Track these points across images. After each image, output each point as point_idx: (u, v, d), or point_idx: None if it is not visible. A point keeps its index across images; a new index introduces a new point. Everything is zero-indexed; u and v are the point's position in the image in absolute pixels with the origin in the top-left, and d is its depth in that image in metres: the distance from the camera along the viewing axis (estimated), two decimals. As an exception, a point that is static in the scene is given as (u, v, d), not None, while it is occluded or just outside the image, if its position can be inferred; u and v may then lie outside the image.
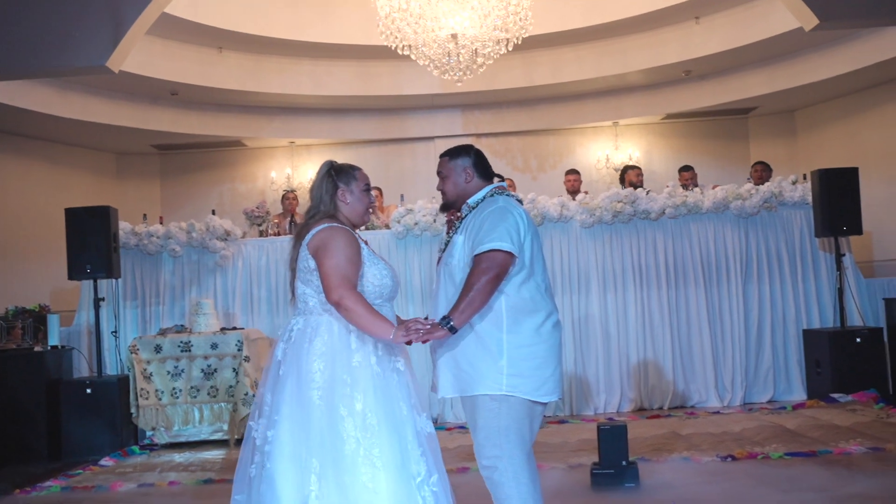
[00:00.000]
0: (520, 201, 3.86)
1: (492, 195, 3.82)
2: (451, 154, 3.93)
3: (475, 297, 3.52)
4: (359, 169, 3.80)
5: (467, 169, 3.86)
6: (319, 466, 3.40)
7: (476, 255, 3.59)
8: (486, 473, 3.66)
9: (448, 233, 3.89)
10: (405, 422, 3.55)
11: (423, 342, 3.50)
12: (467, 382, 3.65)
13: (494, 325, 3.67)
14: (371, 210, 3.86)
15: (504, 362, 3.61)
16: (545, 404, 3.77)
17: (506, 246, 3.57)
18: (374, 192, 5.70)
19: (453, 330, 3.52)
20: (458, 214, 3.88)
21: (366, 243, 3.72)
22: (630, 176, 10.83)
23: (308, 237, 3.65)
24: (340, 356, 3.53)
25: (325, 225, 3.66)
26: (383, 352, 3.56)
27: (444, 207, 3.98)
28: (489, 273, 3.53)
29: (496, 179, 3.94)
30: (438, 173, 3.95)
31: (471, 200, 3.84)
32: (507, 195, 3.83)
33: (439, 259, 3.88)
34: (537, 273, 3.74)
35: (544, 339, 3.68)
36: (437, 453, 3.63)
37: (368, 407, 3.47)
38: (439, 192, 3.98)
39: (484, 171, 3.89)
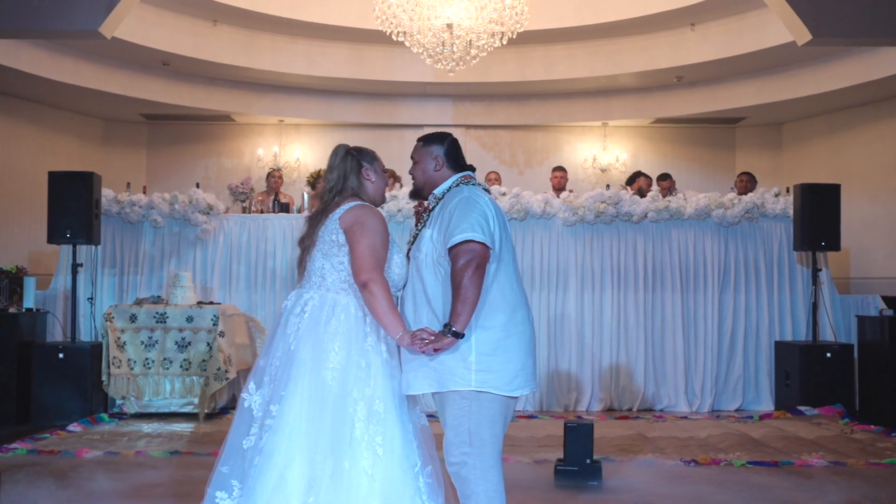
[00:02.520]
0: (487, 190, 3.77)
1: (457, 185, 3.73)
2: (426, 140, 3.88)
3: (467, 295, 3.44)
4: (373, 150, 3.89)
5: (438, 157, 3.79)
6: (326, 448, 3.37)
7: (451, 250, 3.51)
8: (453, 470, 3.56)
9: (416, 225, 3.82)
10: (408, 412, 3.58)
11: (436, 351, 3.46)
12: (436, 380, 3.53)
13: None
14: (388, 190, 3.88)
15: (473, 358, 3.50)
16: (517, 398, 3.66)
17: (478, 236, 3.48)
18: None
19: (458, 335, 3.44)
20: (426, 205, 3.82)
21: None
22: (640, 182, 10.57)
23: (340, 211, 3.64)
24: (356, 338, 3.53)
25: (359, 203, 3.68)
26: (391, 341, 3.57)
27: (413, 194, 3.94)
28: (471, 266, 3.45)
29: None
30: (412, 157, 3.90)
31: (437, 191, 3.77)
32: (472, 184, 3.74)
33: (408, 252, 3.81)
34: (507, 263, 3.64)
35: (515, 332, 3.58)
36: (432, 445, 3.65)
37: (377, 393, 3.48)
38: (411, 177, 3.94)
39: (455, 161, 3.81)
